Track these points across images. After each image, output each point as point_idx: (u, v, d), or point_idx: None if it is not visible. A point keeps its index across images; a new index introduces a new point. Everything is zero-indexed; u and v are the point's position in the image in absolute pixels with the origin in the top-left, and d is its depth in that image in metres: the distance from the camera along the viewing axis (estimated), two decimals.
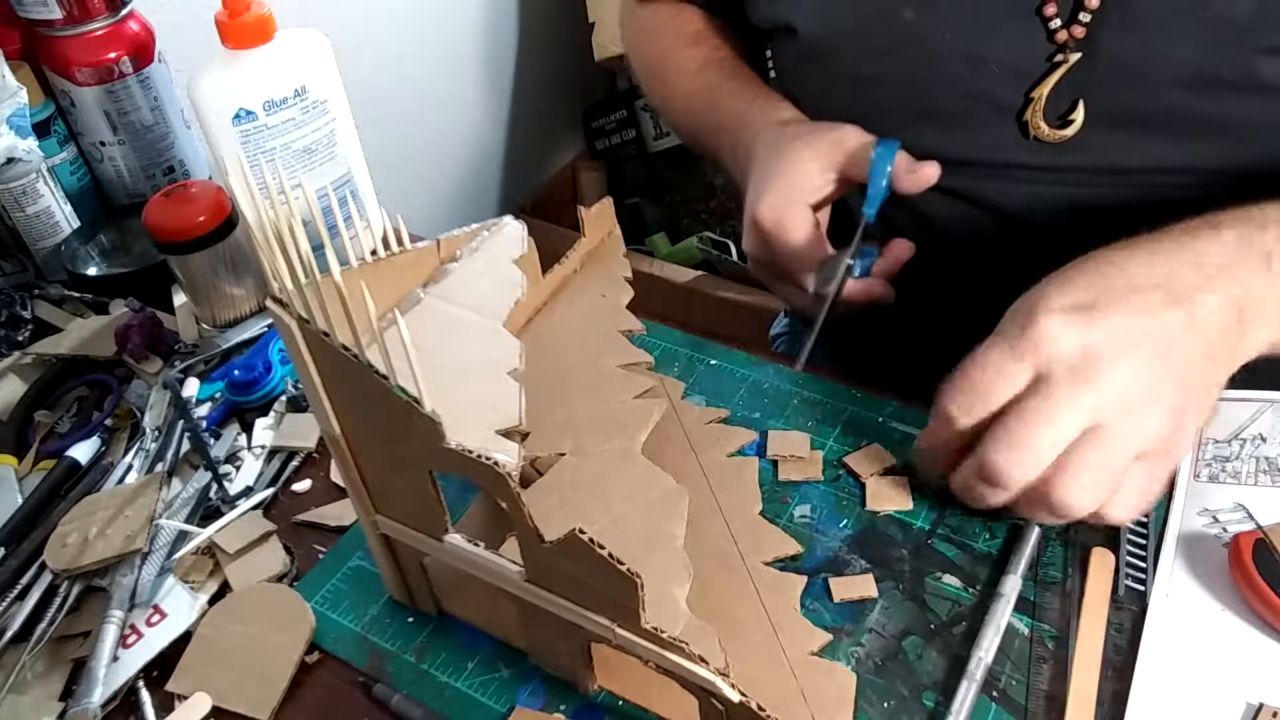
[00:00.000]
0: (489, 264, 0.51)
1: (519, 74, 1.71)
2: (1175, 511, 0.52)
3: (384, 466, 0.45)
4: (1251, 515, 0.51)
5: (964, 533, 0.54)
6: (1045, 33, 0.56)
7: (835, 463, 0.58)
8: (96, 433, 0.66)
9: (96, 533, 0.56)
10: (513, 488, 0.39)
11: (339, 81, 0.70)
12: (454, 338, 0.47)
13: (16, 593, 0.55)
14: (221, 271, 0.71)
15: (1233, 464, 0.53)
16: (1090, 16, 0.55)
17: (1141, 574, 0.50)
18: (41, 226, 0.80)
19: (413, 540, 0.47)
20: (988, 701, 0.46)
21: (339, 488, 0.61)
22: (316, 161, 0.71)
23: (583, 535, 0.38)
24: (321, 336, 0.40)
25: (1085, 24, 0.55)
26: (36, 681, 0.52)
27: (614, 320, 0.54)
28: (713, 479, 0.56)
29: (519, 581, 0.44)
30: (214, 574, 0.56)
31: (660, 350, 0.67)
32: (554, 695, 0.49)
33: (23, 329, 0.76)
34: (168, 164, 0.86)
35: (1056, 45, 0.56)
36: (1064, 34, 0.56)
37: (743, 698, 0.39)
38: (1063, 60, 0.56)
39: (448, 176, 1.64)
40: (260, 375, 0.66)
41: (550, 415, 0.50)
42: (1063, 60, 0.56)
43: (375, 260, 0.46)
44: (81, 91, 0.80)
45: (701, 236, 1.68)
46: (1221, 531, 0.51)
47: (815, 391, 0.63)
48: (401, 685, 0.50)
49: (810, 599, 0.51)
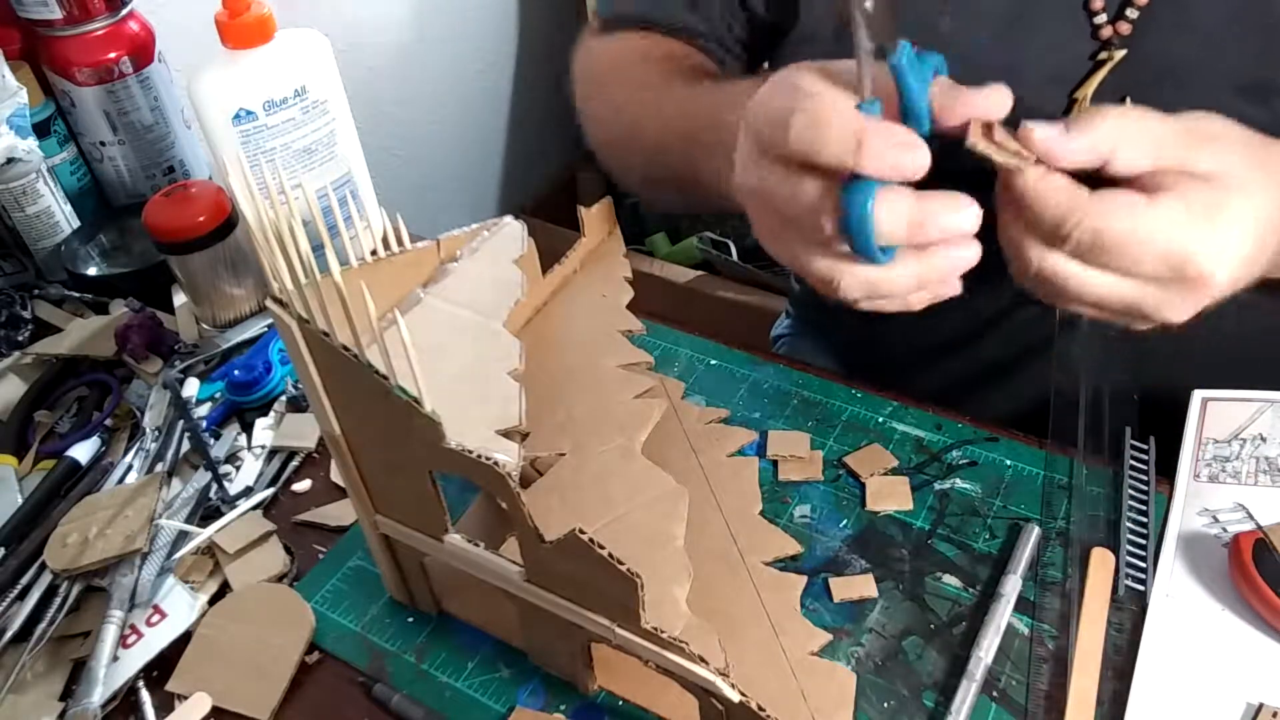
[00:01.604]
0: (489, 264, 0.51)
1: (519, 74, 1.71)
2: (1175, 511, 0.52)
3: (384, 466, 0.45)
4: (1251, 515, 0.51)
5: (964, 533, 0.54)
6: (1090, 28, 0.54)
7: (835, 463, 0.58)
8: (96, 433, 0.66)
9: (96, 533, 0.56)
10: (513, 487, 0.39)
11: (339, 81, 0.70)
12: (454, 338, 0.47)
13: (16, 593, 0.55)
14: (221, 271, 0.71)
15: (1233, 464, 0.53)
16: (1137, 14, 0.53)
17: (1141, 574, 0.50)
18: (41, 226, 0.80)
19: (413, 540, 0.47)
20: (988, 701, 0.46)
21: (339, 488, 0.61)
22: (316, 161, 0.71)
23: (583, 535, 0.38)
24: (322, 336, 0.40)
25: (1132, 20, 0.53)
26: (36, 681, 0.52)
27: (614, 320, 0.54)
28: (713, 479, 0.56)
29: (519, 581, 0.44)
30: (214, 574, 0.56)
31: (660, 350, 0.67)
32: (554, 695, 0.49)
33: (23, 329, 0.76)
34: (168, 164, 0.86)
35: (1101, 42, 0.54)
36: (1109, 29, 0.54)
37: (743, 698, 0.39)
38: (1107, 58, 0.54)
39: (448, 176, 1.64)
40: (260, 375, 0.66)
41: (550, 415, 0.49)
42: (1107, 58, 0.54)
43: (375, 260, 0.46)
44: (81, 91, 0.80)
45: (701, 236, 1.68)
46: (1221, 531, 0.51)
47: (815, 391, 0.63)
48: (401, 685, 0.50)
49: (810, 599, 0.51)
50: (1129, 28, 0.54)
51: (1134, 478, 0.54)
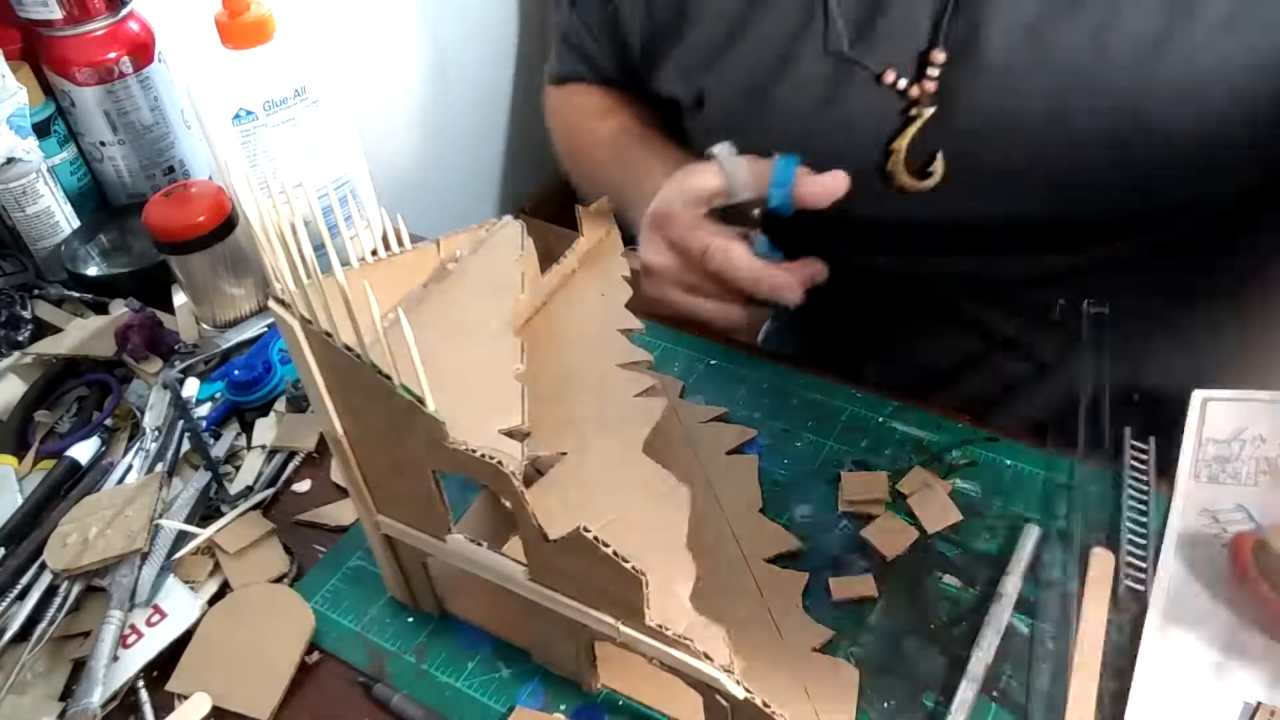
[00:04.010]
0: (489, 264, 0.51)
1: (518, 74, 1.71)
2: (1175, 511, 0.52)
3: (386, 467, 0.45)
4: (1251, 515, 0.51)
5: (964, 533, 0.54)
6: (896, 92, 0.57)
7: (834, 463, 0.58)
8: (96, 433, 0.66)
9: (96, 533, 0.56)
10: (517, 486, 0.39)
11: (339, 81, 0.70)
12: (454, 337, 0.47)
13: (16, 593, 0.55)
14: (221, 271, 0.71)
15: (1233, 464, 0.53)
16: (939, 70, 0.56)
17: (1141, 574, 0.50)
18: (41, 226, 0.80)
19: (415, 540, 0.47)
20: (988, 701, 0.46)
21: (339, 488, 0.61)
22: (316, 162, 0.71)
23: (587, 533, 0.38)
24: (324, 337, 0.40)
25: (935, 78, 0.56)
26: (36, 681, 0.52)
27: (614, 319, 0.54)
28: (713, 477, 0.56)
29: (522, 580, 0.44)
30: (214, 574, 0.56)
31: (660, 350, 0.67)
32: (554, 695, 0.49)
33: (23, 329, 0.76)
34: (168, 164, 0.86)
35: (910, 100, 0.57)
36: (916, 89, 0.56)
37: (747, 694, 0.39)
38: (917, 115, 0.57)
39: (448, 176, 1.64)
40: (260, 375, 0.66)
41: (551, 414, 0.49)
42: (917, 115, 0.57)
43: (375, 260, 0.46)
44: (81, 91, 0.80)
45: None
46: (1221, 531, 0.51)
47: (815, 391, 0.63)
48: (401, 685, 0.50)
49: (810, 599, 0.51)
50: (934, 85, 0.56)
51: (1134, 478, 0.54)
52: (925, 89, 0.56)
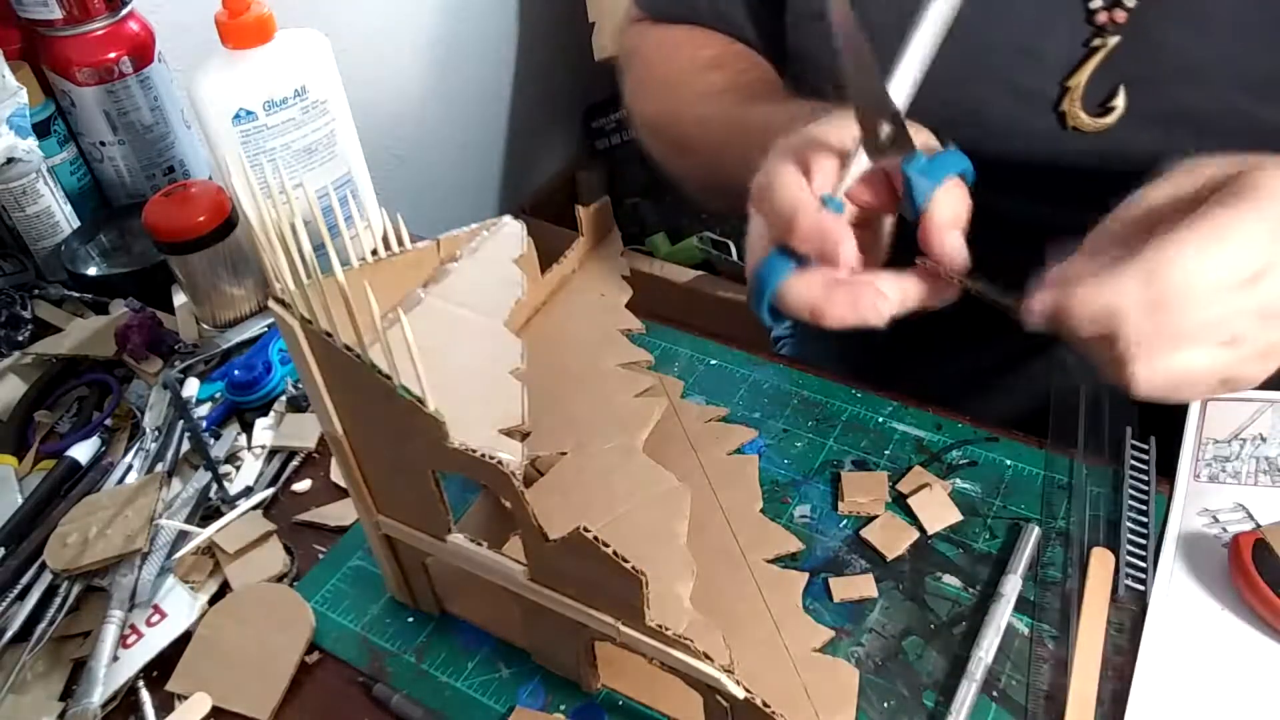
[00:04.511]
0: (489, 264, 0.51)
1: (519, 74, 1.71)
2: (1175, 511, 0.52)
3: (386, 467, 0.45)
4: (1251, 515, 0.51)
5: (964, 533, 0.54)
6: (1085, 13, 0.54)
7: (834, 464, 0.58)
8: (96, 433, 0.66)
9: (96, 533, 0.56)
10: (517, 486, 0.39)
11: (339, 81, 0.70)
12: (454, 337, 0.47)
13: (16, 593, 0.55)
14: (221, 271, 0.71)
15: (1233, 464, 0.53)
16: (1135, 2, 0.53)
17: (1141, 574, 0.50)
18: (41, 226, 0.80)
19: (415, 540, 0.47)
20: (988, 701, 0.46)
21: (339, 488, 0.61)
22: (316, 161, 0.71)
23: (587, 533, 0.38)
24: (324, 337, 0.40)
25: (1129, 9, 0.53)
26: (36, 681, 0.52)
27: (613, 319, 0.54)
28: (713, 477, 0.56)
29: (522, 580, 0.44)
30: (214, 574, 0.56)
31: (660, 350, 0.67)
32: (554, 695, 0.49)
33: (23, 329, 0.76)
34: (168, 164, 0.86)
35: (1095, 28, 0.54)
36: (1104, 15, 0.54)
37: (747, 694, 0.39)
38: (1100, 45, 0.54)
39: (448, 176, 1.64)
40: (260, 375, 0.66)
41: (550, 414, 0.49)
42: (1100, 45, 0.54)
43: (375, 260, 0.46)
44: (81, 91, 0.80)
45: (701, 236, 1.68)
46: (1221, 531, 0.51)
47: (815, 391, 0.63)
48: (401, 685, 0.50)
49: (810, 599, 0.51)
50: (1125, 15, 0.53)
51: (1134, 478, 0.54)
52: (1114, 18, 0.53)
